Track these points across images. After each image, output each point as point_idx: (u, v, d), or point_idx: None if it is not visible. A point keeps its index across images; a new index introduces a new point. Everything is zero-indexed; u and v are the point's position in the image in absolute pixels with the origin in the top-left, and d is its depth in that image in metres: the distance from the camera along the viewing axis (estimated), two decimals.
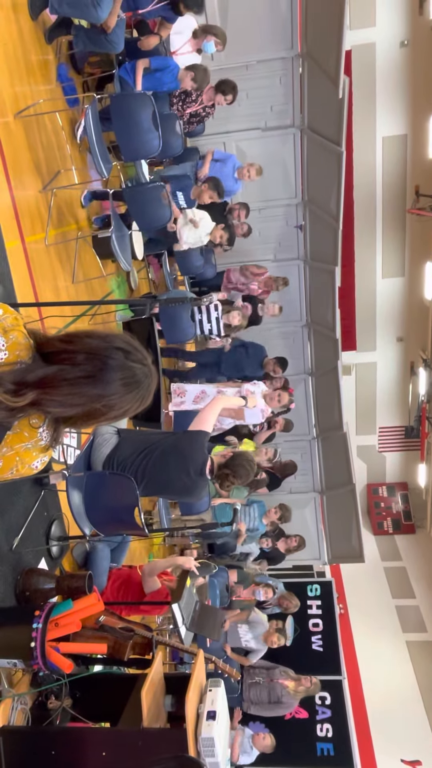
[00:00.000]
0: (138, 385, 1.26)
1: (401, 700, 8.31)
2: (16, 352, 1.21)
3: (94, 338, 1.24)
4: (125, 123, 3.99)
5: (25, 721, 2.57)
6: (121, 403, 1.26)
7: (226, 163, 5.63)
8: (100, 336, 1.25)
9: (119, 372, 1.23)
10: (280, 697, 5.41)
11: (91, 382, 1.21)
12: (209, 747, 2.57)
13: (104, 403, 1.23)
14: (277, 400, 5.27)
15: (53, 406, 1.21)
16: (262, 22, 6.07)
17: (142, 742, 2.40)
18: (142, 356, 1.28)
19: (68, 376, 1.20)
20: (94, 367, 1.21)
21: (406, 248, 10.11)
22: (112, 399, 1.24)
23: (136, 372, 1.26)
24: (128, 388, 1.25)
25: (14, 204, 3.51)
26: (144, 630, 2.72)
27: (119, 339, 1.27)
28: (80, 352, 1.22)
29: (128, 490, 2.83)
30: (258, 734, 4.81)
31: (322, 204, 6.78)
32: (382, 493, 12.39)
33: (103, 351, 1.23)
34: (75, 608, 2.46)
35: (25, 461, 1.28)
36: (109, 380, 1.22)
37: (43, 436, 1.28)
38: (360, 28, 8.40)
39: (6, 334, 1.21)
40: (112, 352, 1.23)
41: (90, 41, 4.13)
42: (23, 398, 1.17)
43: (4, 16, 3.58)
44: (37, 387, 1.18)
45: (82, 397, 1.21)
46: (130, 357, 1.25)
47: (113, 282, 5.26)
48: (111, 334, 1.27)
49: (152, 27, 4.68)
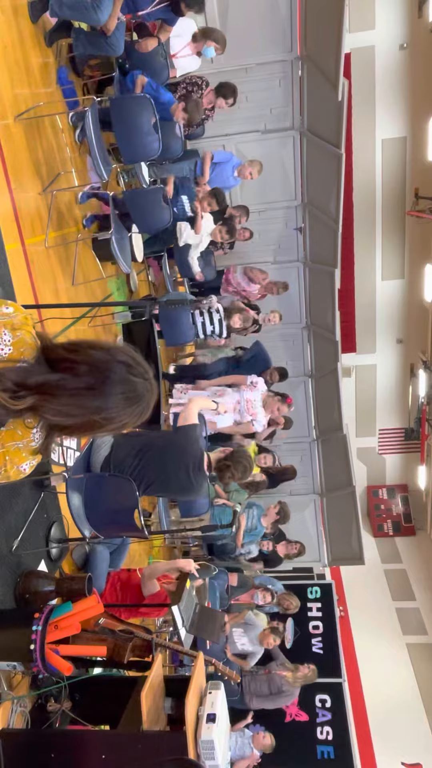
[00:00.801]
0: (138, 400, 1.27)
1: (401, 703, 8.29)
2: (20, 349, 1.21)
3: (97, 350, 1.24)
4: (125, 125, 4.00)
5: (25, 724, 2.56)
6: (120, 417, 1.26)
7: (226, 165, 5.63)
8: (104, 348, 1.25)
9: (120, 386, 1.23)
10: (280, 686, 5.42)
11: (91, 394, 1.21)
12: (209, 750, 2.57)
13: (103, 415, 1.24)
14: (276, 409, 5.19)
15: (51, 414, 1.22)
16: (261, 24, 6.08)
17: (142, 744, 2.40)
18: (144, 370, 1.28)
19: (69, 386, 1.20)
20: (95, 379, 1.21)
21: (406, 250, 10.12)
22: (111, 412, 1.24)
23: (138, 387, 1.26)
24: (128, 402, 1.25)
25: (14, 206, 3.52)
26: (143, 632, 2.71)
27: (122, 353, 1.27)
28: (83, 363, 1.22)
29: (128, 492, 2.83)
30: (258, 734, 4.81)
31: (321, 206, 6.79)
32: (382, 495, 12.38)
33: (106, 364, 1.23)
34: (75, 610, 2.45)
35: (14, 461, 1.28)
36: (110, 393, 1.22)
37: (36, 437, 1.28)
38: (359, 30, 8.43)
39: (14, 331, 1.22)
40: (114, 365, 1.23)
41: (90, 44, 4.14)
42: (22, 402, 1.16)
43: (5, 20, 3.59)
44: (37, 392, 1.18)
45: (81, 409, 1.22)
46: (131, 371, 1.25)
47: (113, 284, 5.26)
48: (114, 347, 1.27)
49: (152, 30, 4.69)
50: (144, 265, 6.11)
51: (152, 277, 6.38)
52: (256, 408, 4.95)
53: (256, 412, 4.96)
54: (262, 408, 5.00)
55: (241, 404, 4.93)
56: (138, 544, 4.92)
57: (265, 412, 5.07)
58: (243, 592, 5.61)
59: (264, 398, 5.07)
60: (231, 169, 5.67)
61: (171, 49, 4.87)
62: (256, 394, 4.95)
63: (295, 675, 5.43)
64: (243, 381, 5.02)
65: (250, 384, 4.99)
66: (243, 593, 5.61)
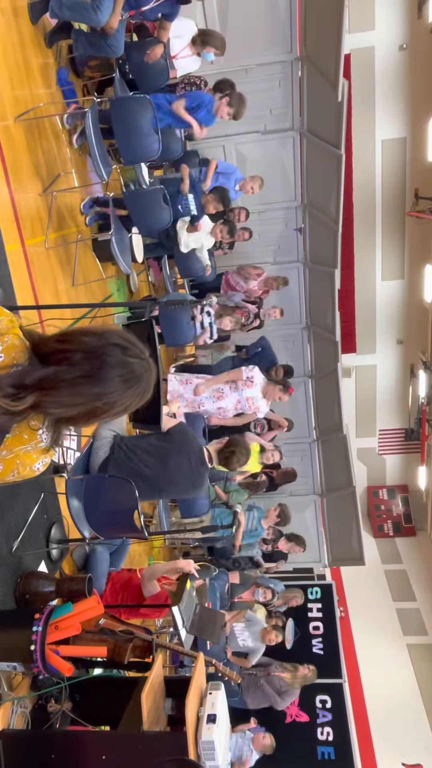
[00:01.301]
0: (138, 381, 1.25)
1: (402, 704, 8.29)
2: (12, 355, 1.20)
3: (89, 336, 1.23)
4: (125, 126, 4.00)
5: (25, 725, 2.56)
6: (122, 400, 1.25)
7: (230, 177, 5.64)
8: (96, 333, 1.24)
9: (118, 369, 1.21)
10: (280, 687, 5.42)
11: (90, 381, 1.20)
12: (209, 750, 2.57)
13: (105, 401, 1.22)
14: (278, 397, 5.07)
15: (54, 408, 1.21)
16: (261, 25, 6.08)
17: (142, 745, 2.40)
18: (139, 350, 1.27)
19: (67, 376, 1.19)
20: (92, 366, 1.20)
21: (406, 251, 10.12)
22: (112, 396, 1.22)
23: (135, 367, 1.24)
24: (128, 384, 1.24)
25: (14, 207, 3.52)
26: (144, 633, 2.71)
27: (115, 335, 1.25)
28: (77, 351, 1.20)
29: (127, 493, 2.82)
30: (258, 734, 4.80)
31: (321, 207, 6.79)
32: (383, 496, 12.37)
33: (100, 348, 1.21)
34: (75, 611, 2.45)
35: (26, 463, 1.28)
36: (108, 378, 1.20)
37: (43, 438, 1.27)
38: (359, 31, 8.43)
39: (1, 337, 1.20)
40: (108, 348, 1.22)
41: (90, 45, 4.15)
42: (23, 402, 1.16)
43: (5, 21, 3.60)
44: (36, 389, 1.17)
45: (82, 397, 1.20)
46: (127, 352, 1.24)
47: (113, 285, 5.26)
48: (106, 330, 1.26)
49: (152, 30, 4.70)
50: (144, 265, 6.11)
51: (152, 278, 6.38)
52: (258, 403, 4.94)
53: (258, 407, 4.95)
54: (263, 399, 4.98)
55: (242, 403, 4.91)
56: (138, 545, 4.92)
57: (266, 401, 5.04)
58: (245, 590, 5.61)
59: (264, 388, 5.02)
60: (233, 182, 5.70)
61: (171, 50, 4.87)
62: (254, 390, 4.91)
63: (294, 675, 5.43)
64: (239, 376, 4.97)
65: (246, 380, 4.93)
66: (245, 591, 5.62)
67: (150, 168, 5.39)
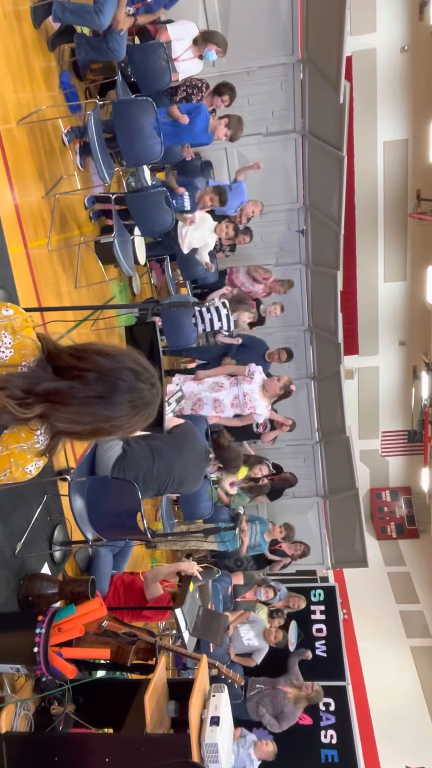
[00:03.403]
0: (146, 407, 1.27)
1: (406, 706, 8.26)
2: (21, 352, 1.21)
3: (104, 357, 1.23)
4: (127, 129, 4.00)
5: (28, 727, 2.56)
6: (129, 424, 1.26)
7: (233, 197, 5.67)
8: (111, 355, 1.25)
9: (128, 394, 1.23)
10: (283, 706, 5.37)
11: (100, 403, 1.21)
12: (213, 753, 2.56)
13: (112, 423, 1.24)
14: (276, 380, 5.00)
15: (61, 422, 1.22)
16: (263, 27, 6.09)
17: (146, 748, 2.39)
18: (150, 375, 1.28)
19: (79, 395, 1.20)
20: (104, 388, 1.21)
21: (408, 252, 10.12)
22: (120, 420, 1.24)
23: (145, 394, 1.26)
24: (136, 411, 1.25)
25: (17, 209, 3.53)
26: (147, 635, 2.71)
27: (129, 359, 1.26)
28: (91, 371, 1.21)
29: (130, 495, 2.82)
30: (261, 741, 4.79)
31: (323, 208, 6.79)
32: (386, 498, 12.35)
33: (114, 372, 1.22)
34: (78, 613, 2.45)
35: (20, 463, 1.28)
36: (119, 402, 1.22)
37: (40, 439, 1.27)
38: (361, 33, 8.45)
39: (14, 334, 1.22)
40: (122, 373, 1.23)
41: (92, 49, 4.16)
42: (31, 410, 1.17)
43: (8, 25, 3.61)
44: (46, 400, 1.18)
45: (90, 417, 1.22)
46: (139, 377, 1.25)
47: (115, 287, 5.27)
48: (120, 352, 1.27)
49: (153, 34, 4.71)
50: (146, 267, 6.12)
51: (155, 279, 6.39)
52: (255, 400, 4.88)
53: (255, 405, 4.89)
54: (260, 398, 4.93)
55: (239, 398, 4.87)
56: (141, 547, 4.92)
57: (266, 396, 4.98)
58: (248, 590, 5.61)
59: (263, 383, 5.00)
60: (237, 203, 5.76)
61: (173, 53, 4.88)
62: (253, 385, 4.89)
63: (297, 695, 5.37)
64: (242, 372, 4.94)
65: (248, 374, 4.91)
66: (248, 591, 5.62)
67: (152, 170, 5.40)
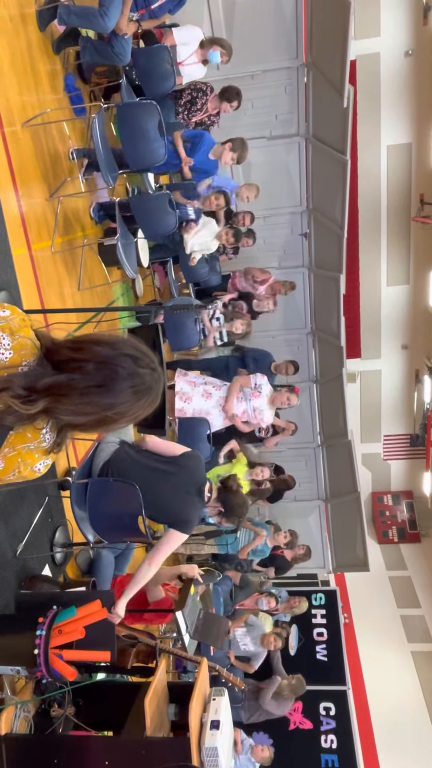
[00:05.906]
0: (148, 392, 1.27)
1: (406, 711, 8.23)
2: (21, 353, 1.21)
3: (102, 346, 1.24)
4: (131, 131, 4.02)
5: (28, 729, 2.55)
6: (132, 410, 1.26)
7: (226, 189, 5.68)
8: (108, 343, 1.25)
9: (129, 380, 1.23)
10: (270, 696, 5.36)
11: (102, 391, 1.21)
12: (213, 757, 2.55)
13: (115, 411, 1.24)
14: (286, 399, 5.07)
15: (65, 414, 1.22)
16: (267, 31, 6.11)
17: (146, 751, 2.39)
18: (150, 360, 1.28)
19: (79, 385, 1.20)
20: (104, 376, 1.21)
21: (411, 256, 10.12)
22: (123, 407, 1.24)
23: (146, 379, 1.26)
24: (138, 396, 1.25)
25: (21, 212, 3.54)
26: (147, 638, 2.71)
27: (127, 345, 1.27)
28: (90, 361, 1.22)
29: (132, 498, 2.82)
30: (257, 746, 4.76)
31: (326, 212, 6.79)
32: (387, 502, 12.32)
33: (113, 359, 1.22)
34: (79, 615, 2.45)
35: (27, 463, 1.28)
36: (120, 389, 1.22)
37: (46, 438, 1.27)
38: (365, 37, 8.47)
39: (12, 335, 1.22)
40: (121, 359, 1.23)
41: (97, 52, 4.18)
42: (34, 406, 1.17)
43: (13, 28, 3.63)
44: (48, 395, 1.18)
45: (93, 406, 1.22)
46: (139, 363, 1.25)
47: (118, 289, 5.28)
48: (118, 340, 1.27)
49: (159, 37, 4.73)
50: (149, 270, 6.13)
51: (157, 282, 6.39)
52: (264, 414, 4.94)
53: (263, 417, 4.96)
54: (268, 409, 4.97)
55: (249, 413, 4.90)
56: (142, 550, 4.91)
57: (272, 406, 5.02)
58: (247, 595, 5.58)
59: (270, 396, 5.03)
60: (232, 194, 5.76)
61: (178, 57, 4.90)
62: (261, 400, 4.91)
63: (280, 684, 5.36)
64: (248, 383, 4.94)
65: (255, 388, 4.91)
66: (247, 596, 5.59)
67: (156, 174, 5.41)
